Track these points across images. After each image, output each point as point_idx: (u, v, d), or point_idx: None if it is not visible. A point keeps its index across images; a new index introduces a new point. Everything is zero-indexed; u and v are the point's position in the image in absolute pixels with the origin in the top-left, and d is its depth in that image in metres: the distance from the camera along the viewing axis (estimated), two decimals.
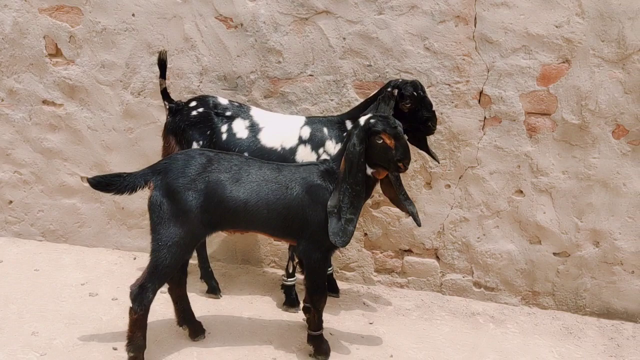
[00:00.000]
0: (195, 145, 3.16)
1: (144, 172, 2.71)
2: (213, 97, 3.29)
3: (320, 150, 3.12)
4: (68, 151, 3.97)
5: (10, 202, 4.13)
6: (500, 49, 3.29)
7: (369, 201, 3.55)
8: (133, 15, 3.67)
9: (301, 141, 3.13)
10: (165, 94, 3.27)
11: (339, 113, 3.50)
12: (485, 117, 3.41)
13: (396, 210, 3.59)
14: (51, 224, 4.11)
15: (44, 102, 3.92)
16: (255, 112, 3.25)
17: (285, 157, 3.10)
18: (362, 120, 2.70)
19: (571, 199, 3.40)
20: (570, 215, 3.42)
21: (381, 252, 3.73)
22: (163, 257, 2.61)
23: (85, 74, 3.81)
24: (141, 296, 2.61)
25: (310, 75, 3.54)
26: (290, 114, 3.52)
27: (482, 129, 3.43)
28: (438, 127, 3.40)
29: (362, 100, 3.45)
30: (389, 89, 3.03)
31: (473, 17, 3.29)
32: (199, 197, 2.62)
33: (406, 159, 2.61)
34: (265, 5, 3.50)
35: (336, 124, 3.18)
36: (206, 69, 3.66)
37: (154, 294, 2.66)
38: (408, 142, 2.69)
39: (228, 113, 3.19)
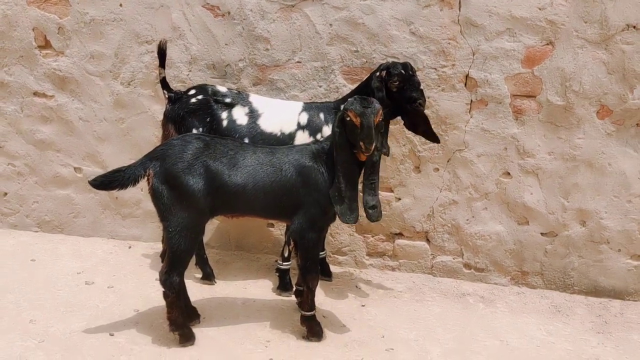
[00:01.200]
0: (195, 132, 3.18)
1: (142, 161, 2.74)
2: (212, 85, 3.33)
3: (318, 136, 3.17)
4: (60, 142, 4.00)
5: (5, 194, 4.16)
6: (485, 32, 3.32)
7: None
8: (120, 5, 3.69)
9: (300, 127, 3.19)
10: (164, 83, 3.31)
11: (327, 99, 3.54)
12: (471, 100, 3.44)
13: (386, 194, 3.65)
14: (46, 214, 4.15)
15: (35, 94, 3.94)
16: (255, 99, 3.29)
17: (284, 142, 3.16)
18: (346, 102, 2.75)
19: (557, 180, 3.45)
20: (557, 195, 3.47)
21: (372, 236, 3.78)
22: (177, 243, 2.70)
23: (75, 65, 3.83)
24: (169, 281, 2.75)
25: (298, 62, 3.57)
26: (287, 100, 3.56)
27: (469, 112, 3.47)
28: (425, 111, 3.44)
29: (351, 85, 3.50)
30: (377, 73, 3.09)
31: (457, 0, 3.31)
32: (199, 181, 2.67)
33: (367, 139, 2.58)
34: None
35: (332, 109, 3.23)
36: (195, 57, 3.69)
37: (181, 276, 2.79)
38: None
39: (227, 100, 3.24)
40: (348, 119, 2.64)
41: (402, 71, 3.04)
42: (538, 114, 3.38)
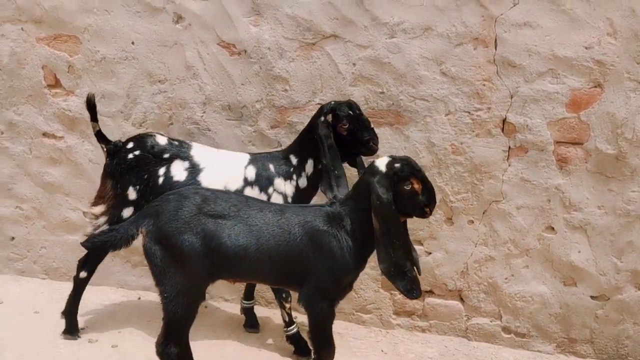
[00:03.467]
0: (131, 191, 3.00)
1: (135, 219, 2.54)
2: (151, 136, 3.09)
3: (270, 190, 2.95)
4: (70, 185, 3.81)
5: (13, 238, 3.99)
6: (524, 73, 3.01)
7: None
8: (133, 43, 3.50)
9: (247, 183, 2.95)
10: (100, 136, 3.13)
11: None
12: (509, 147, 3.13)
13: (415, 247, 3.32)
14: (54, 261, 3.96)
15: (44, 134, 3.77)
16: (197, 152, 3.04)
17: None
18: (382, 165, 2.44)
19: (609, 237, 3.09)
20: (609, 254, 3.11)
21: (400, 293, 3.45)
22: (173, 310, 2.47)
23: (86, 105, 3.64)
24: (166, 352, 2.52)
25: (318, 103, 3.30)
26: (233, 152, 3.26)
27: (507, 159, 3.14)
28: (458, 157, 3.20)
29: (377, 128, 3.20)
30: (322, 118, 2.87)
31: (493, 39, 3.02)
32: (195, 241, 2.42)
33: (433, 202, 2.48)
34: (269, 30, 3.29)
35: (282, 159, 3.02)
36: (209, 98, 3.47)
37: (179, 346, 2.54)
38: None
39: (166, 155, 3.00)
40: (409, 187, 2.41)
41: (350, 112, 2.84)
42: (586, 163, 3.04)
